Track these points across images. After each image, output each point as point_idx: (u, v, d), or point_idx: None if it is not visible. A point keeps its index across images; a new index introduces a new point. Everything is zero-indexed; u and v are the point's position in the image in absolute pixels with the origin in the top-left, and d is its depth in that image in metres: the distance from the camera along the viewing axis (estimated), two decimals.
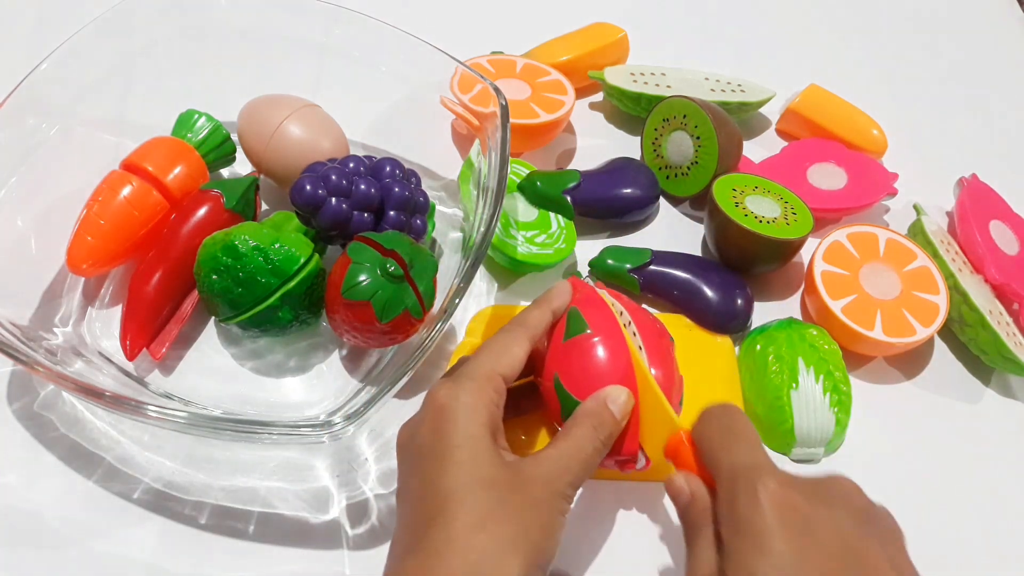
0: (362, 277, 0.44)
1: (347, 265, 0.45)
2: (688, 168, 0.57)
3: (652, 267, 0.53)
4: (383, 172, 0.50)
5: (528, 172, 0.56)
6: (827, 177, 0.59)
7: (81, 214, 0.49)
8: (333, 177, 0.48)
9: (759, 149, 0.64)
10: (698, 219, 0.59)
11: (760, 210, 0.53)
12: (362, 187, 0.48)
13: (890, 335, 0.49)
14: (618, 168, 0.58)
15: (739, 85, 0.63)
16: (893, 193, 0.59)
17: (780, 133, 0.66)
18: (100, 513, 0.44)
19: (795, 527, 0.30)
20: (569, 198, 0.55)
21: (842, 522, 0.31)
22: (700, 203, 0.57)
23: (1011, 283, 0.53)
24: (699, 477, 0.35)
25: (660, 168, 0.59)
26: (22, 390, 0.47)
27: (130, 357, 0.47)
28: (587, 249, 0.55)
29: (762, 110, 0.65)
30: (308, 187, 0.47)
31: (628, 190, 0.57)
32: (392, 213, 0.49)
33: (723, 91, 0.62)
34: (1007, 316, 0.53)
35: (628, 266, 0.53)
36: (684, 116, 0.57)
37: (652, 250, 0.54)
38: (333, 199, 0.47)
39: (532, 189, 0.55)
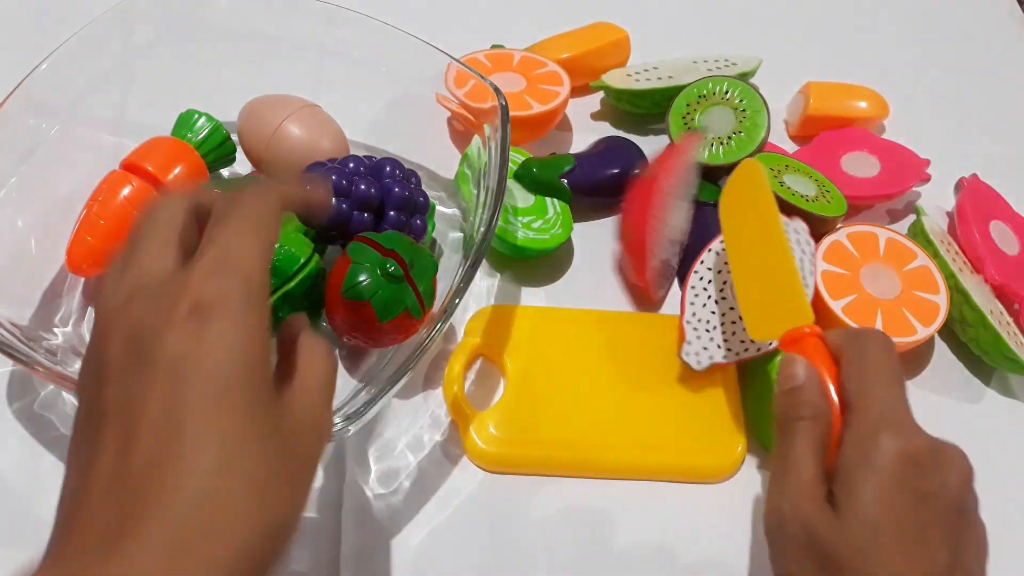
0: (362, 277, 0.44)
1: (347, 265, 0.44)
2: (729, 138, 0.57)
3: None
4: (383, 172, 0.50)
5: (523, 159, 0.56)
6: (860, 165, 0.59)
7: (81, 214, 0.49)
8: (333, 177, 0.48)
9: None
10: None
11: (798, 188, 0.54)
12: (362, 187, 0.48)
13: (891, 335, 0.48)
14: (610, 148, 0.59)
15: (726, 60, 0.64)
16: (926, 179, 0.59)
17: (795, 139, 0.65)
18: None
19: (917, 503, 0.32)
20: (565, 182, 0.55)
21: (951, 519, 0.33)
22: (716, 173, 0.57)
23: (1011, 283, 0.53)
24: (820, 372, 0.36)
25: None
26: (22, 390, 0.47)
27: None
28: (585, 232, 0.56)
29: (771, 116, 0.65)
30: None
31: (621, 168, 0.57)
32: (392, 213, 0.49)
33: (717, 68, 0.63)
34: (1007, 316, 0.53)
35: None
36: (727, 91, 0.58)
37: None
38: (333, 199, 0.47)
39: (529, 176, 0.55)
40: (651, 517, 0.45)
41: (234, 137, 0.54)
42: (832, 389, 0.36)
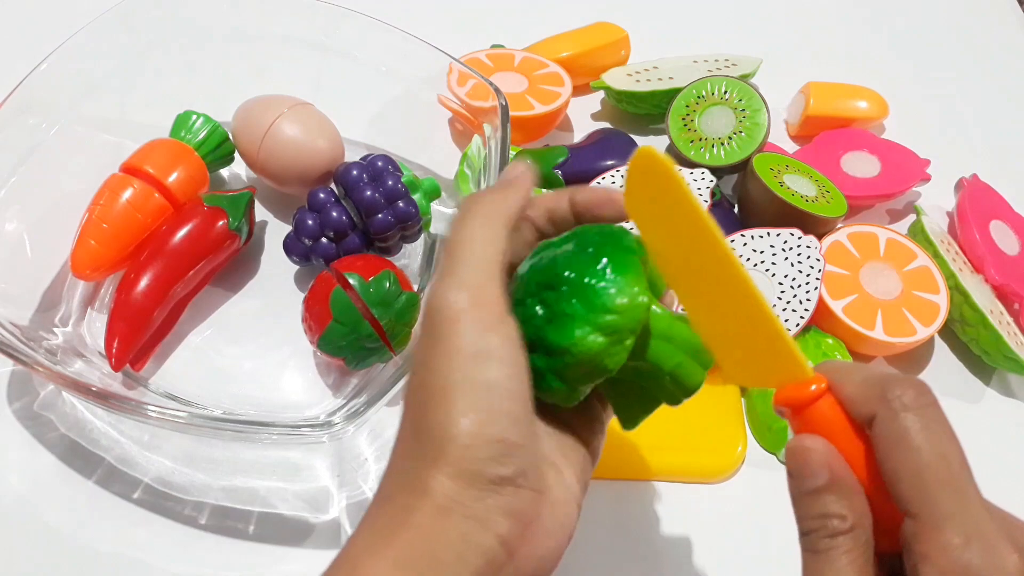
0: (340, 341, 0.45)
1: (329, 294, 0.45)
2: (730, 138, 0.57)
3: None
4: (350, 176, 0.50)
5: (517, 152, 0.56)
6: (861, 165, 0.60)
7: (83, 219, 0.49)
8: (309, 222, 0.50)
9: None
10: None
11: (798, 188, 0.54)
12: (333, 215, 0.50)
13: (891, 335, 0.49)
14: (602, 140, 0.59)
15: (726, 60, 0.64)
16: (927, 179, 0.59)
17: (796, 139, 0.65)
18: (100, 513, 0.43)
19: None
20: (560, 173, 0.56)
21: None
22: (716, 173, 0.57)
23: (1011, 283, 0.53)
24: (841, 452, 0.25)
25: (691, 141, 0.58)
26: (22, 390, 0.47)
27: (116, 368, 0.46)
28: None
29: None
30: (296, 256, 0.51)
31: (614, 160, 0.57)
32: (379, 216, 0.50)
33: (717, 68, 0.63)
34: (1007, 316, 0.53)
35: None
36: (725, 91, 0.58)
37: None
38: (324, 239, 0.50)
39: None
40: (651, 517, 0.45)
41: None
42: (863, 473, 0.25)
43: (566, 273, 0.28)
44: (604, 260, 0.28)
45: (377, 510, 0.27)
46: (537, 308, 0.28)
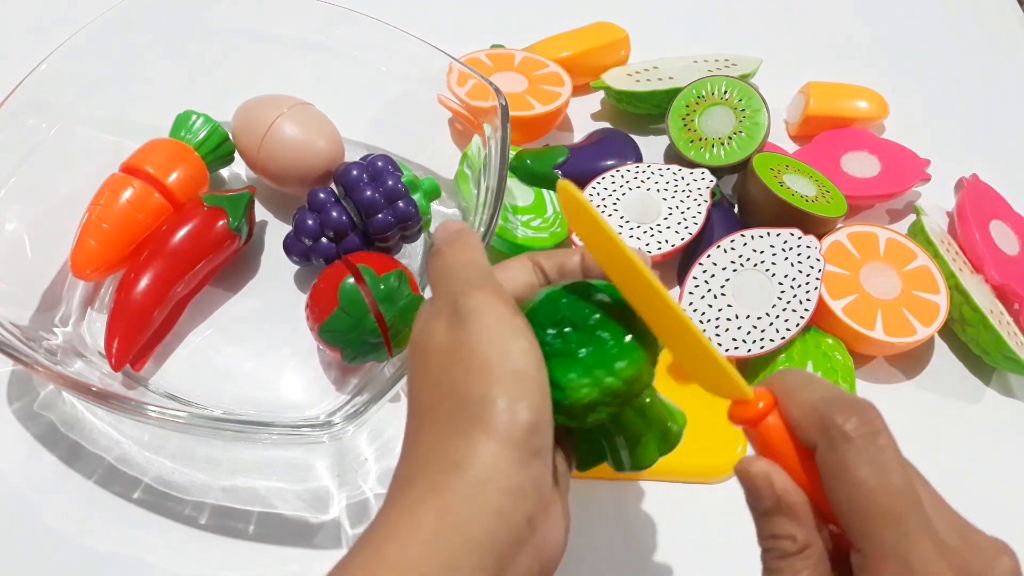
0: (342, 331, 0.45)
1: (338, 286, 0.45)
2: (730, 138, 0.57)
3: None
4: (350, 176, 0.50)
5: (517, 152, 0.57)
6: (861, 165, 0.60)
7: (83, 219, 0.49)
8: (309, 222, 0.50)
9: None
10: None
11: (798, 188, 0.54)
12: (333, 215, 0.49)
13: (891, 335, 0.49)
14: (602, 140, 0.59)
15: (726, 60, 0.64)
16: (926, 179, 0.59)
17: (796, 139, 0.65)
18: (100, 513, 0.43)
19: None
20: (560, 173, 0.56)
21: None
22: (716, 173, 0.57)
23: (1011, 283, 0.53)
24: (784, 464, 0.25)
25: (691, 141, 0.58)
26: (22, 390, 0.47)
27: (116, 368, 0.46)
28: None
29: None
30: (296, 256, 0.51)
31: (614, 160, 0.57)
32: (379, 216, 0.49)
33: (718, 69, 0.63)
34: (1007, 316, 0.53)
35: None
36: (725, 91, 0.58)
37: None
38: (324, 240, 0.50)
39: (523, 168, 0.56)
40: (651, 517, 0.45)
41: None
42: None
43: (594, 317, 0.29)
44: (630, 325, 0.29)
45: (400, 493, 0.27)
46: (550, 336, 0.29)
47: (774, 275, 0.49)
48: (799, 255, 0.50)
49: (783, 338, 0.47)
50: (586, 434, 0.31)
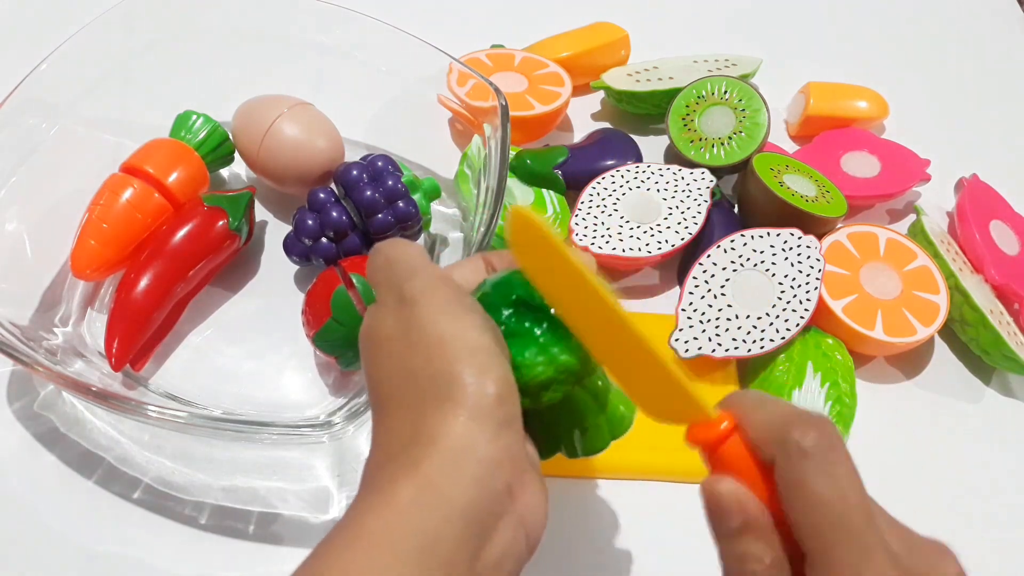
0: (336, 340, 0.45)
1: (332, 292, 0.45)
2: (730, 138, 0.57)
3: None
4: (350, 176, 0.50)
5: (517, 151, 0.57)
6: (861, 165, 0.60)
7: (83, 219, 0.49)
8: (309, 222, 0.50)
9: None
10: None
11: (798, 188, 0.54)
12: (333, 215, 0.49)
13: (891, 335, 0.49)
14: (602, 140, 0.59)
15: (726, 60, 0.64)
16: (926, 179, 0.59)
17: (796, 139, 0.65)
18: (100, 513, 0.43)
19: None
20: (560, 173, 0.56)
21: None
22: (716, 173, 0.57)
23: (1011, 283, 0.53)
24: (746, 484, 0.25)
25: (691, 141, 0.58)
26: (22, 390, 0.47)
27: (116, 368, 0.46)
28: None
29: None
30: (296, 256, 0.51)
31: (614, 160, 0.57)
32: (379, 216, 0.49)
33: (718, 69, 0.63)
34: (1007, 316, 0.53)
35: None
36: (725, 91, 0.58)
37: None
38: (324, 240, 0.50)
39: (523, 168, 0.56)
40: (651, 517, 0.45)
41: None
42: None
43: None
44: None
45: (377, 473, 0.27)
46: (505, 316, 0.29)
47: (774, 275, 0.49)
48: (799, 255, 0.50)
49: (783, 338, 0.47)
50: (541, 421, 0.31)
